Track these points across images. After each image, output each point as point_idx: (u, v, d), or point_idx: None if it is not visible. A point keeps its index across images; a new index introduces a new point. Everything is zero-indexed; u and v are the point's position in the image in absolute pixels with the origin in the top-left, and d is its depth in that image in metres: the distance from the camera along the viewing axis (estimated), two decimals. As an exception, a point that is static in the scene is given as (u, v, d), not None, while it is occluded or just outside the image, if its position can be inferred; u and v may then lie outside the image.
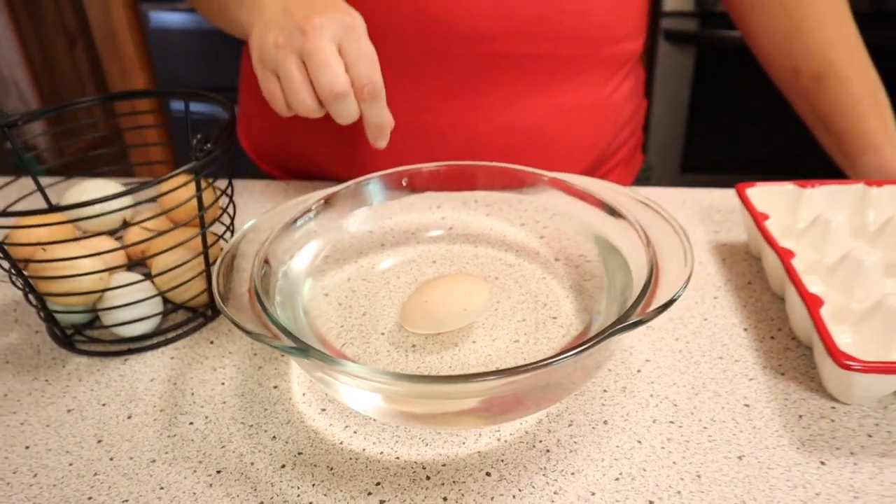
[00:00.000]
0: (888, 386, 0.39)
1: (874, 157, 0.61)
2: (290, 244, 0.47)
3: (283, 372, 0.46)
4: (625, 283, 0.43)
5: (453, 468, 0.38)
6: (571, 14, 0.58)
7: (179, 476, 0.39)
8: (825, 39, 0.64)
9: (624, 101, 0.69)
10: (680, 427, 0.40)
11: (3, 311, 0.54)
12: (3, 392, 0.46)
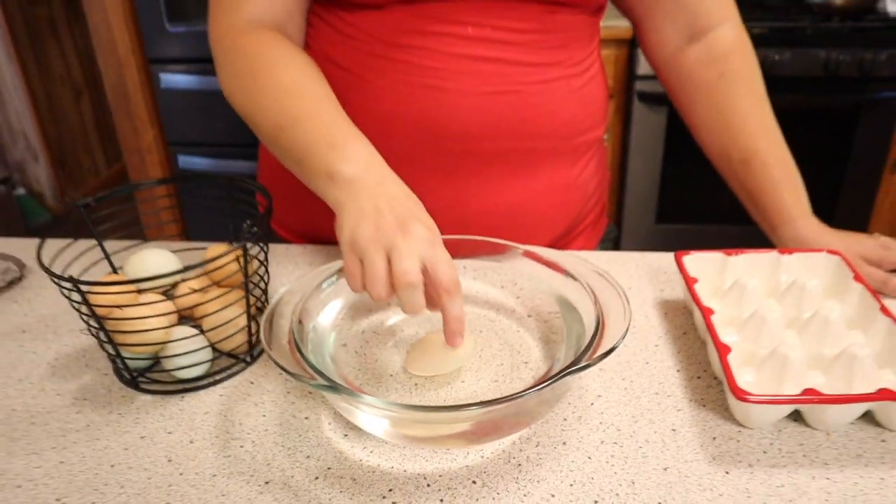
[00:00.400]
0: (777, 413, 0.52)
1: (791, 228, 0.75)
2: (317, 304, 0.59)
3: (312, 406, 0.58)
4: (580, 333, 0.55)
5: (447, 478, 0.50)
6: (546, 116, 0.72)
7: (236, 486, 0.50)
8: (751, 132, 0.78)
9: (589, 178, 0.82)
10: (621, 447, 0.52)
11: (75, 358, 0.66)
12: (86, 423, 0.58)
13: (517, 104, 0.70)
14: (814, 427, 0.53)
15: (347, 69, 0.71)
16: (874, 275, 0.70)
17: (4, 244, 0.86)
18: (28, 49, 2.95)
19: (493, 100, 0.69)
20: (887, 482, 0.49)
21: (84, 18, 3.25)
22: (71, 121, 3.25)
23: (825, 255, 0.68)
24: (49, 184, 3.14)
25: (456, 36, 0.68)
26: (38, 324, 0.72)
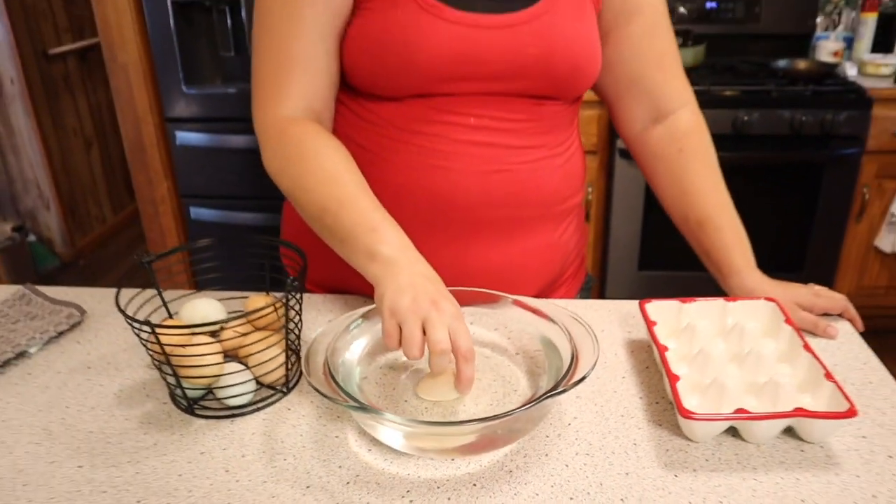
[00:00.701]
0: (716, 429, 0.65)
1: (738, 279, 0.89)
2: (345, 343, 0.73)
3: (340, 427, 0.70)
4: (558, 366, 0.68)
5: (453, 482, 0.63)
6: (533, 189, 0.86)
7: (283, 490, 0.63)
8: (705, 199, 0.92)
9: (570, 238, 0.96)
10: (592, 457, 0.65)
11: (136, 390, 0.78)
12: (153, 442, 0.70)
13: (510, 180, 0.85)
14: (746, 440, 0.66)
15: (368, 149, 0.86)
16: (806, 318, 0.84)
17: (64, 292, 0.99)
18: (44, 104, 3.12)
19: (489, 177, 0.84)
20: (801, 482, 0.62)
21: (95, 75, 3.43)
22: (81, 171, 3.40)
23: (763, 301, 0.81)
24: (59, 231, 3.27)
25: (460, 125, 0.83)
26: (100, 361, 0.84)
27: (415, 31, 0.80)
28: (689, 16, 2.55)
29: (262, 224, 2.20)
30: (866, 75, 2.36)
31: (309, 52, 0.83)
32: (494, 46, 0.81)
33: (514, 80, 0.83)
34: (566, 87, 0.87)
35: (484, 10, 0.81)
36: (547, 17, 0.83)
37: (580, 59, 0.86)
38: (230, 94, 2.06)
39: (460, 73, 0.81)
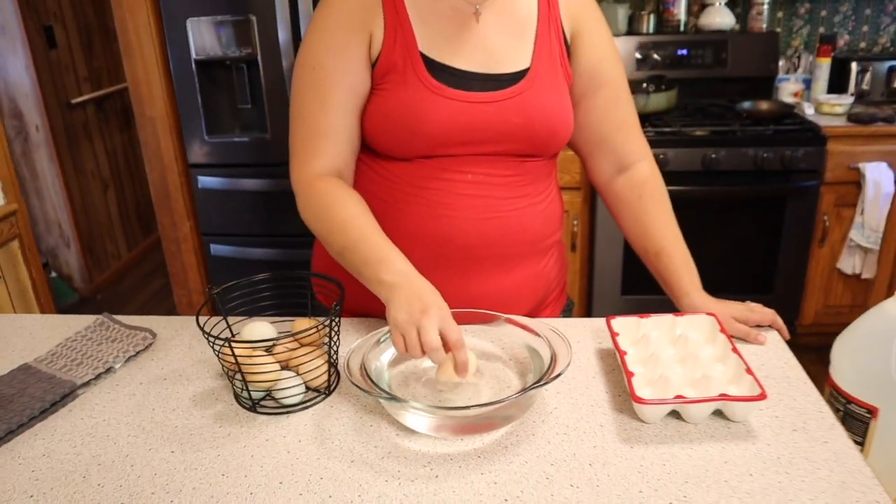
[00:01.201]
0: (661, 411, 0.85)
1: (687, 299, 1.10)
2: (376, 353, 0.93)
3: (374, 418, 0.90)
4: (541, 367, 0.89)
5: (463, 455, 0.83)
6: (520, 231, 1.07)
7: (333, 464, 0.83)
8: (660, 235, 1.14)
9: (551, 268, 1.17)
10: (568, 436, 0.85)
11: (206, 395, 0.98)
12: (227, 433, 0.90)
13: (501, 225, 1.06)
14: (686, 420, 0.87)
15: (385, 201, 1.07)
16: (740, 329, 1.05)
17: (134, 320, 1.19)
18: (66, 149, 3.34)
19: (484, 223, 1.05)
20: (726, 450, 0.82)
21: (112, 121, 3.65)
22: (99, 211, 3.61)
23: (705, 316, 1.02)
24: (78, 268, 3.47)
25: (460, 181, 1.05)
26: (173, 373, 1.04)
27: (422, 107, 1.02)
28: (663, 62, 2.80)
29: (273, 258, 2.40)
30: (822, 114, 2.60)
31: (334, 125, 1.05)
32: (485, 118, 1.03)
33: (502, 144, 1.05)
34: (544, 148, 1.09)
35: (477, 90, 1.03)
36: (527, 93, 1.05)
37: (555, 125, 1.08)
38: (247, 143, 2.28)
39: (459, 140, 1.03)
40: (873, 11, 2.89)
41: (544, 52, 1.08)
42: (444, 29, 1.05)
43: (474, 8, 1.06)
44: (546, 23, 1.09)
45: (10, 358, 1.11)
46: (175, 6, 2.16)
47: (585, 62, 1.13)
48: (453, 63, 1.04)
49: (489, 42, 1.06)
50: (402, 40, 1.03)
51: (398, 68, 1.03)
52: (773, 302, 2.62)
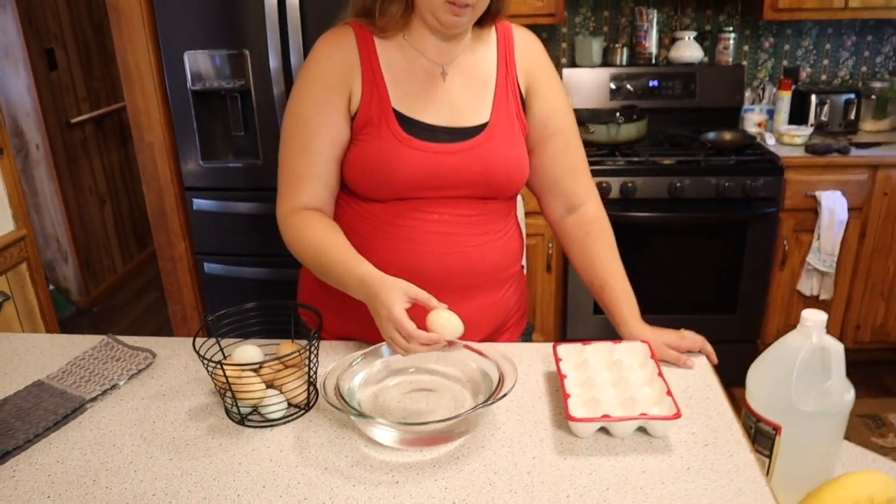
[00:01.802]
0: (591, 428, 1.00)
1: (627, 328, 1.24)
2: (349, 375, 1.07)
3: (346, 432, 1.04)
4: (490, 389, 1.03)
5: (421, 464, 0.97)
6: (480, 264, 1.21)
7: (310, 471, 0.96)
8: (604, 270, 1.28)
9: (510, 297, 1.31)
10: (512, 448, 0.99)
11: (201, 410, 1.12)
12: (219, 443, 1.04)
13: (464, 259, 1.20)
14: (614, 435, 1.01)
15: (362, 236, 1.21)
16: (671, 354, 1.19)
17: (135, 341, 1.32)
18: (65, 167, 3.47)
19: (449, 257, 1.19)
20: (645, 461, 0.97)
21: (110, 140, 3.78)
22: (95, 226, 3.73)
23: (639, 343, 1.17)
24: (75, 281, 3.59)
25: (427, 220, 1.19)
26: (171, 390, 1.18)
27: (394, 157, 1.16)
28: (635, 92, 2.96)
29: (264, 277, 2.53)
30: (783, 144, 2.76)
31: (314, 171, 1.20)
32: (449, 166, 1.18)
33: (464, 188, 1.20)
34: (502, 192, 1.23)
35: (442, 141, 1.18)
36: (487, 144, 1.20)
37: (511, 172, 1.22)
38: (240, 168, 2.42)
39: (426, 185, 1.18)
40: (832, 46, 3.06)
41: (502, 107, 1.23)
42: (414, 87, 1.19)
43: (441, 68, 1.20)
44: (504, 80, 1.24)
45: (24, 374, 1.24)
46: (174, 39, 2.30)
47: (539, 114, 1.27)
48: (422, 118, 1.19)
49: (454, 98, 1.21)
50: (378, 98, 1.18)
51: (374, 122, 1.17)
52: (737, 321, 2.80)
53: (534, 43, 1.31)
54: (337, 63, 1.19)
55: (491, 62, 1.25)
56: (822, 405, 1.03)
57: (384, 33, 1.19)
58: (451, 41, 1.20)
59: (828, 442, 1.08)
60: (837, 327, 2.86)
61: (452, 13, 1.12)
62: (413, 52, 1.20)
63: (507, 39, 1.27)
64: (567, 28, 3.08)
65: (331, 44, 1.20)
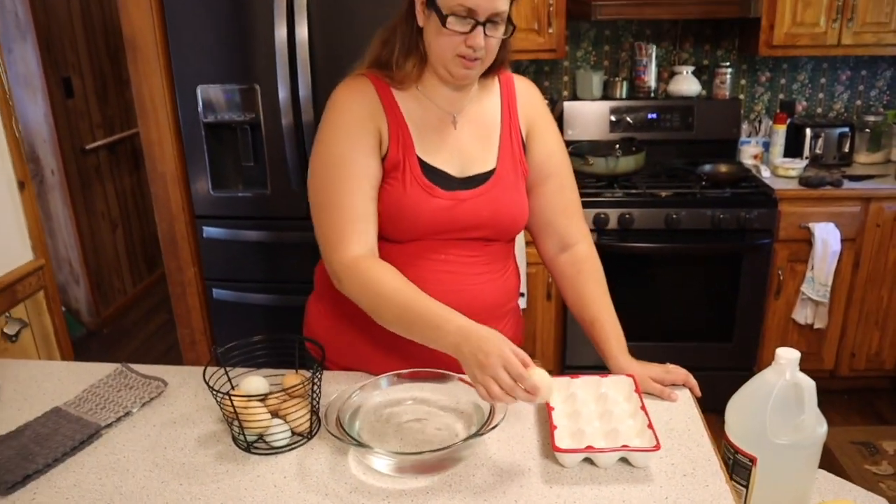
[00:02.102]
0: (576, 458, 1.06)
1: (615, 361, 1.30)
2: (349, 406, 1.14)
3: (345, 460, 1.10)
4: (481, 420, 1.09)
5: (415, 490, 1.03)
6: (481, 300, 1.27)
7: (311, 495, 1.03)
8: (594, 306, 1.34)
9: (508, 330, 1.34)
10: (501, 477, 1.06)
11: (209, 437, 1.19)
12: (226, 469, 1.10)
13: (467, 296, 1.26)
14: (598, 465, 1.07)
15: None
16: (655, 388, 1.25)
17: (149, 369, 1.39)
18: (78, 192, 3.56)
19: (453, 295, 1.22)
20: (626, 490, 1.03)
21: (122, 165, 3.88)
22: (107, 249, 3.82)
23: (625, 377, 1.23)
24: (86, 302, 3.67)
25: (437, 260, 1.26)
26: (181, 417, 1.25)
27: (419, 205, 1.23)
28: (634, 125, 3.04)
29: (270, 303, 2.60)
30: (778, 176, 2.83)
31: (364, 211, 1.22)
32: (462, 212, 1.25)
33: (472, 231, 1.27)
34: (506, 234, 1.31)
35: (457, 189, 1.25)
36: (494, 190, 1.27)
37: (516, 215, 1.30)
38: (248, 197, 2.50)
39: (441, 229, 1.25)
40: (828, 80, 3.13)
41: (507, 153, 1.30)
42: (430, 135, 1.27)
43: (452, 116, 1.28)
44: (508, 127, 1.32)
45: (42, 401, 1.31)
46: (187, 74, 2.39)
47: (536, 156, 1.35)
48: (441, 165, 1.26)
49: (464, 146, 1.28)
50: (403, 142, 1.25)
51: (400, 166, 1.24)
52: (733, 349, 2.85)
53: (533, 91, 1.38)
54: (365, 106, 1.24)
55: (495, 110, 1.33)
56: (796, 438, 1.09)
57: (401, 85, 1.26)
58: (460, 91, 1.28)
59: (802, 472, 1.14)
60: (833, 355, 2.91)
61: (463, 66, 1.20)
62: (427, 102, 1.28)
63: (508, 88, 1.35)
64: (568, 62, 3.17)
65: (353, 91, 1.26)
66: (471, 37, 1.16)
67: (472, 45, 1.17)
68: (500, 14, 1.16)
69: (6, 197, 1.73)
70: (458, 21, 1.16)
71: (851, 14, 2.72)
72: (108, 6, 3.82)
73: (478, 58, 1.19)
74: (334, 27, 2.29)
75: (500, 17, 1.17)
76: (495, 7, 1.15)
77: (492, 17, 1.16)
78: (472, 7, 1.14)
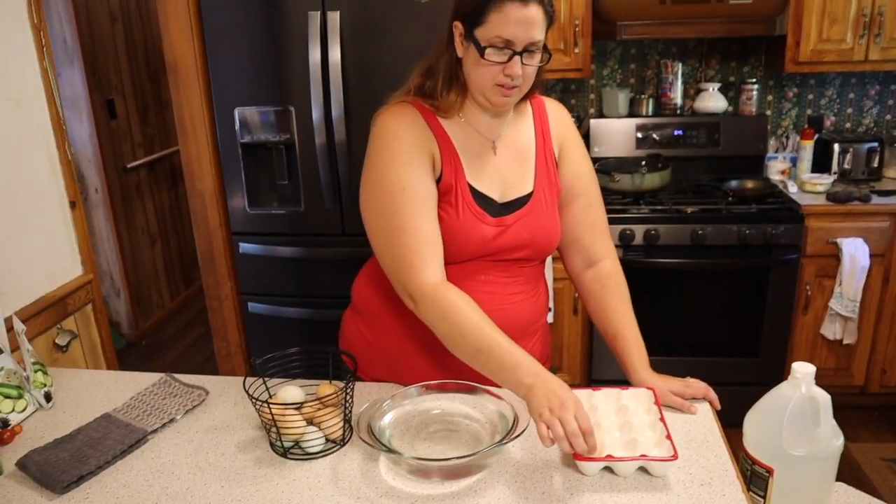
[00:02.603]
0: (596, 467, 1.11)
1: (636, 375, 1.34)
2: (379, 414, 1.20)
3: (377, 465, 1.16)
4: (506, 429, 1.15)
5: (443, 495, 1.08)
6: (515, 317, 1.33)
7: (344, 497, 1.09)
8: (618, 321, 1.39)
9: (536, 345, 1.41)
10: (524, 484, 1.11)
11: (248, 443, 1.26)
12: (264, 473, 1.17)
13: (502, 314, 1.30)
14: (618, 474, 1.12)
15: None
16: (675, 401, 1.29)
17: (190, 378, 1.47)
18: (120, 209, 3.69)
19: (491, 314, 1.25)
20: (644, 498, 1.07)
21: (161, 182, 4.01)
22: (146, 264, 3.95)
23: (644, 390, 1.28)
24: (126, 315, 3.80)
25: (477, 280, 1.32)
26: (222, 424, 1.32)
27: (471, 231, 1.29)
28: (661, 141, 3.07)
29: (304, 317, 2.68)
30: (805, 192, 2.84)
31: (434, 233, 1.27)
32: (505, 236, 1.32)
33: (511, 253, 1.33)
34: (542, 254, 1.38)
35: (501, 215, 1.32)
36: (532, 214, 1.33)
37: (551, 236, 1.37)
38: (283, 214, 2.59)
39: (485, 253, 1.32)
40: (856, 95, 3.14)
41: (543, 176, 1.36)
42: (475, 161, 1.33)
43: (492, 143, 1.34)
44: (542, 150, 1.38)
45: (93, 407, 1.39)
46: (225, 97, 2.50)
47: (566, 176, 1.41)
48: (486, 191, 1.32)
49: (503, 171, 1.34)
50: (454, 167, 1.30)
51: (453, 191, 1.29)
52: (760, 364, 2.86)
53: (563, 113, 1.44)
54: (417, 131, 1.28)
55: (530, 134, 1.39)
56: (812, 450, 1.12)
57: (446, 113, 1.31)
58: (499, 117, 1.34)
59: (819, 484, 1.17)
60: (863, 371, 2.89)
61: (502, 94, 1.25)
62: (470, 129, 1.33)
63: (541, 112, 1.41)
64: (595, 80, 3.22)
65: (400, 118, 1.29)
66: (509, 66, 1.21)
67: (510, 74, 1.22)
68: (536, 43, 1.21)
69: (59, 215, 1.83)
70: (497, 52, 1.21)
71: (879, 30, 2.73)
72: (149, 30, 3.97)
73: (516, 86, 1.25)
74: (366, 50, 2.37)
75: (536, 45, 1.22)
76: (532, 37, 1.20)
77: (528, 47, 1.21)
78: (509, 38, 1.19)
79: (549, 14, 1.22)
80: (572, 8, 2.76)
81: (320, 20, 2.35)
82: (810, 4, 2.71)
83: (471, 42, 1.23)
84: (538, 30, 1.20)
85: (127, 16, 3.80)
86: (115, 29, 3.70)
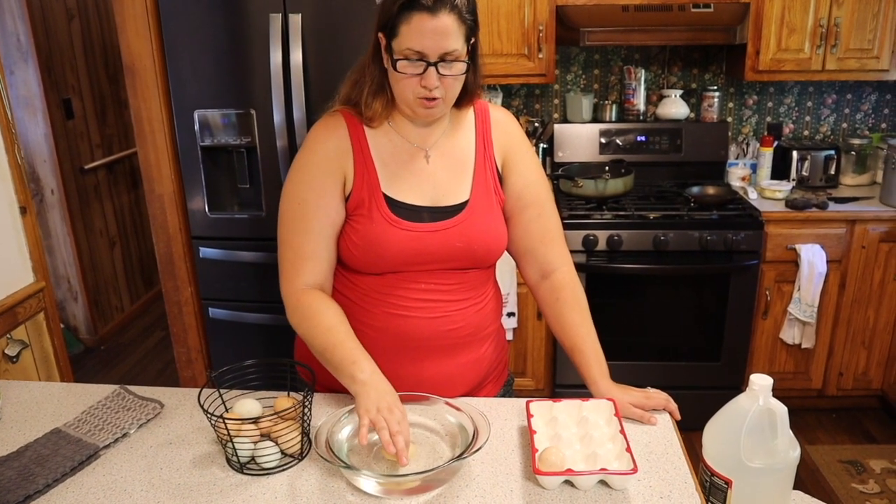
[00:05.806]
0: (556, 481, 1.10)
1: (596, 387, 1.34)
2: (338, 428, 1.18)
3: (335, 481, 1.15)
4: (465, 442, 1.14)
5: (401, 511, 1.07)
6: (462, 326, 1.32)
7: (301, 517, 1.07)
8: (575, 332, 1.39)
9: (490, 354, 1.42)
10: (485, 498, 1.10)
11: (204, 457, 1.23)
12: (220, 489, 1.14)
13: (447, 322, 1.31)
14: (578, 488, 1.11)
15: (356, 303, 1.33)
16: (635, 412, 1.29)
17: (145, 391, 1.43)
18: (77, 210, 3.61)
19: (433, 321, 1.29)
20: (603, 512, 1.07)
21: (120, 184, 3.93)
22: (105, 267, 3.86)
23: (605, 401, 1.28)
24: (84, 319, 3.71)
25: (415, 289, 1.31)
26: (177, 439, 1.29)
27: (384, 238, 1.28)
28: (623, 147, 3.10)
29: (265, 322, 2.65)
30: (765, 198, 2.89)
31: (315, 250, 1.30)
32: (433, 244, 1.30)
33: (447, 262, 1.32)
34: (482, 262, 1.35)
35: (427, 221, 1.30)
36: (467, 221, 1.32)
37: (490, 245, 1.34)
38: (244, 219, 2.55)
39: (413, 261, 1.30)
40: (814, 104, 3.20)
41: (481, 185, 1.35)
42: (400, 170, 1.32)
43: (424, 151, 1.33)
44: (482, 159, 1.37)
45: (42, 422, 1.35)
46: (185, 99, 2.45)
47: (514, 186, 1.39)
48: (408, 199, 1.31)
49: (437, 179, 1.33)
50: (368, 181, 1.30)
51: (365, 204, 1.29)
52: (721, 369, 2.89)
53: (510, 121, 1.43)
54: (331, 149, 1.31)
55: (469, 142, 1.37)
56: (770, 461, 1.13)
57: (371, 122, 1.32)
58: (429, 126, 1.34)
59: (776, 495, 1.18)
60: (821, 375, 2.95)
61: (423, 106, 1.25)
62: (398, 138, 1.33)
63: (484, 119, 1.39)
64: (559, 85, 3.23)
65: (325, 131, 1.33)
66: (424, 78, 1.21)
67: (426, 85, 1.22)
68: (451, 53, 1.20)
69: (8, 221, 1.77)
70: (410, 64, 1.21)
71: (835, 41, 2.79)
72: (107, 29, 3.88)
73: (436, 97, 1.24)
74: (328, 53, 2.35)
75: (452, 55, 1.21)
76: (444, 47, 1.19)
77: (444, 57, 1.20)
78: (420, 50, 1.19)
79: (465, 21, 1.21)
80: (536, 14, 2.77)
81: (282, 22, 2.32)
82: (769, 14, 2.76)
83: (388, 54, 1.23)
84: (452, 39, 1.19)
85: (84, 14, 3.71)
86: (72, 27, 3.62)
